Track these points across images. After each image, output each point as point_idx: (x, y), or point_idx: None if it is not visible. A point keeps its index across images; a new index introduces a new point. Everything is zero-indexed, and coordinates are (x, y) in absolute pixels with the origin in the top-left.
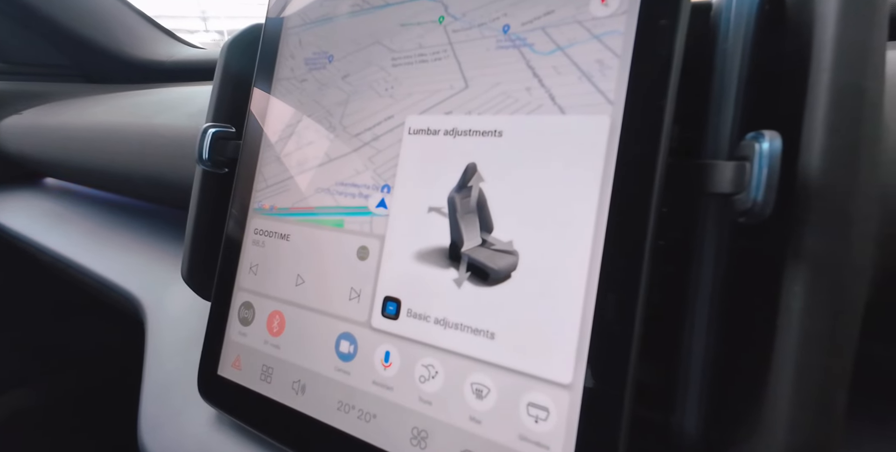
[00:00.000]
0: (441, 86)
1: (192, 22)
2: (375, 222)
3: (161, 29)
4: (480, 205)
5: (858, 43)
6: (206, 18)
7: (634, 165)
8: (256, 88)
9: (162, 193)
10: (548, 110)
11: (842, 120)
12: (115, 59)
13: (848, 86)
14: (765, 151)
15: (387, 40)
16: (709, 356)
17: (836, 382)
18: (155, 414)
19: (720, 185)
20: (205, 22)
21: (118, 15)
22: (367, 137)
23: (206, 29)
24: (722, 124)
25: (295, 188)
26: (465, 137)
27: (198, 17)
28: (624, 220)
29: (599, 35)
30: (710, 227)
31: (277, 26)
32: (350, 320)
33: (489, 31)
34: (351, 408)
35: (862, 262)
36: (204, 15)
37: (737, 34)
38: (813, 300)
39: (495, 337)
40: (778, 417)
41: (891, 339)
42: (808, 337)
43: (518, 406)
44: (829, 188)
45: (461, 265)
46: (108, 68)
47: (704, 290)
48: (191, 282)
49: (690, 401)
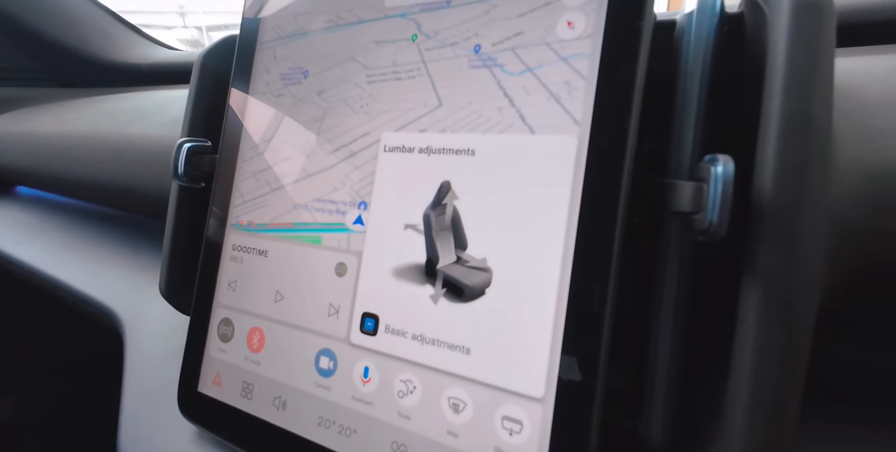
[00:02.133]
0: (415, 103)
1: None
2: (353, 238)
3: (136, 30)
4: (455, 223)
5: (806, 70)
6: (184, 14)
7: (601, 183)
8: (232, 102)
9: (138, 203)
10: (518, 130)
11: (790, 144)
12: (88, 62)
13: (796, 111)
14: (719, 174)
15: (361, 57)
16: (673, 366)
17: (789, 391)
18: (135, 431)
19: (681, 205)
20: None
21: (90, 16)
22: (343, 154)
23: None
24: (683, 144)
25: (272, 204)
26: (440, 155)
27: (175, 12)
28: (592, 238)
29: (566, 57)
30: (674, 243)
31: (252, 40)
32: (329, 336)
33: (461, 51)
34: (331, 424)
35: (812, 278)
36: (182, 10)
37: (696, 56)
38: (766, 314)
39: (471, 352)
40: (735, 424)
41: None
42: (762, 349)
43: (493, 420)
44: (779, 208)
45: (437, 281)
46: (81, 72)
47: (668, 303)
48: (169, 298)
49: (656, 409)
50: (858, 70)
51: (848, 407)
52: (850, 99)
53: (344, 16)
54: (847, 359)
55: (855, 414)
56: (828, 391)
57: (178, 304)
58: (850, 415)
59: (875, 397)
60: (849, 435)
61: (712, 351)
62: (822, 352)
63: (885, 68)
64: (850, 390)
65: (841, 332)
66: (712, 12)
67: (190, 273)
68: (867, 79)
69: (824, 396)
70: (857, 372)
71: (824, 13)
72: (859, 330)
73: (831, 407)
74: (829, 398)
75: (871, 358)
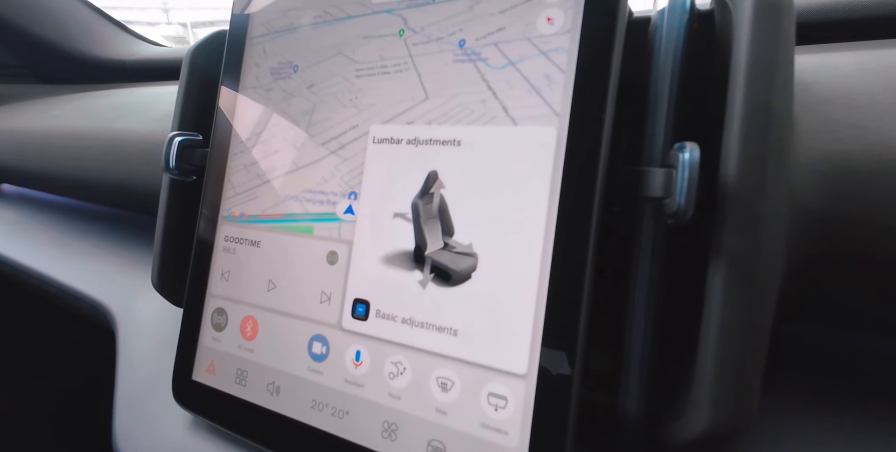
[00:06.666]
0: (403, 97)
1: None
2: (343, 228)
3: (120, 26)
4: (442, 211)
5: (766, 63)
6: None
7: (579, 172)
8: (222, 97)
9: (127, 199)
10: (501, 121)
11: (752, 133)
12: (70, 58)
13: (757, 102)
14: (685, 161)
15: (350, 51)
16: (647, 344)
17: (751, 363)
18: (129, 422)
19: (653, 190)
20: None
21: (72, 12)
22: (333, 146)
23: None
24: (656, 134)
25: (264, 195)
26: (427, 146)
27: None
28: (571, 223)
29: (546, 51)
30: (647, 227)
31: (242, 34)
32: (321, 322)
33: (447, 46)
34: (324, 406)
35: (772, 258)
36: (166, 6)
37: (667, 50)
38: (729, 292)
39: (458, 333)
40: (702, 397)
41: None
42: (726, 325)
43: (479, 397)
44: (742, 192)
45: (425, 267)
46: (63, 68)
47: (642, 284)
48: (162, 290)
49: (632, 385)
50: (824, 66)
51: (811, 383)
52: (812, 93)
53: (332, 11)
54: (809, 338)
55: (816, 389)
56: (790, 367)
57: (170, 297)
58: (813, 390)
59: (836, 375)
60: (813, 408)
61: (683, 330)
62: (785, 332)
63: (850, 64)
64: (814, 368)
65: (803, 313)
66: (682, 10)
67: (182, 265)
68: (831, 74)
69: (787, 372)
70: (818, 350)
71: (784, 11)
72: (821, 310)
73: (795, 383)
74: (791, 374)
75: (831, 337)
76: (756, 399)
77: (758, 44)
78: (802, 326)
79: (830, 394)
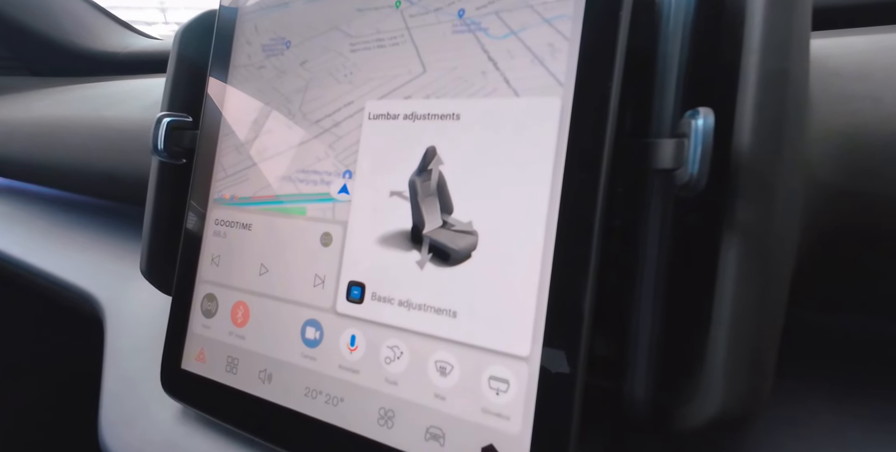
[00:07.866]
0: (399, 71)
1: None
2: (338, 208)
3: (113, 18)
4: (440, 188)
5: (783, 29)
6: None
7: (584, 145)
8: (212, 76)
9: (116, 189)
10: (503, 93)
11: (768, 100)
12: (61, 50)
13: (774, 69)
14: (699, 127)
15: (344, 25)
16: (655, 326)
17: (766, 346)
18: (116, 414)
19: (663, 162)
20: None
21: (64, 3)
22: (327, 124)
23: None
24: (665, 104)
25: (256, 177)
26: (424, 121)
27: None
28: (576, 199)
29: (550, 19)
30: (656, 202)
31: (232, 12)
32: (315, 307)
33: (445, 16)
34: (318, 394)
35: (788, 231)
36: (162, 5)
37: (677, 18)
38: (743, 267)
39: (457, 315)
40: (713, 378)
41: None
42: (740, 303)
43: (480, 381)
44: (757, 162)
45: (423, 247)
46: (54, 60)
47: (650, 263)
48: (150, 277)
49: (639, 369)
50: (835, 44)
51: (820, 369)
52: (824, 68)
53: None
54: (822, 323)
55: (827, 375)
56: (805, 354)
57: (159, 284)
58: (823, 376)
59: (852, 360)
60: (822, 394)
61: (693, 310)
62: (799, 317)
63: (862, 42)
64: (829, 353)
65: (817, 295)
66: None
67: (171, 251)
68: (843, 51)
69: (801, 358)
70: (832, 336)
71: None
72: (835, 293)
73: (809, 370)
74: (805, 361)
75: (846, 322)
76: (770, 381)
77: (773, 9)
78: (816, 312)
79: (847, 380)
